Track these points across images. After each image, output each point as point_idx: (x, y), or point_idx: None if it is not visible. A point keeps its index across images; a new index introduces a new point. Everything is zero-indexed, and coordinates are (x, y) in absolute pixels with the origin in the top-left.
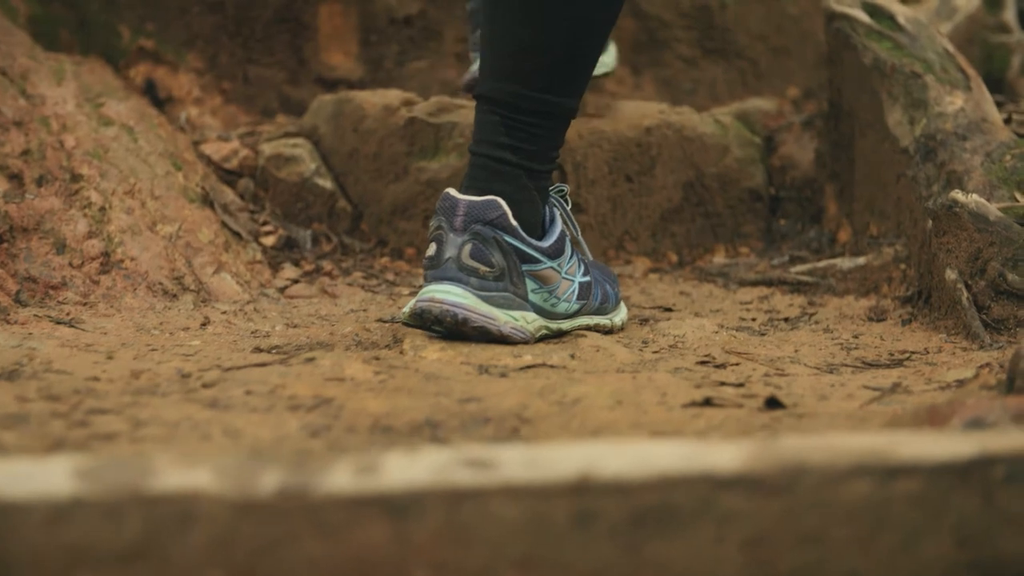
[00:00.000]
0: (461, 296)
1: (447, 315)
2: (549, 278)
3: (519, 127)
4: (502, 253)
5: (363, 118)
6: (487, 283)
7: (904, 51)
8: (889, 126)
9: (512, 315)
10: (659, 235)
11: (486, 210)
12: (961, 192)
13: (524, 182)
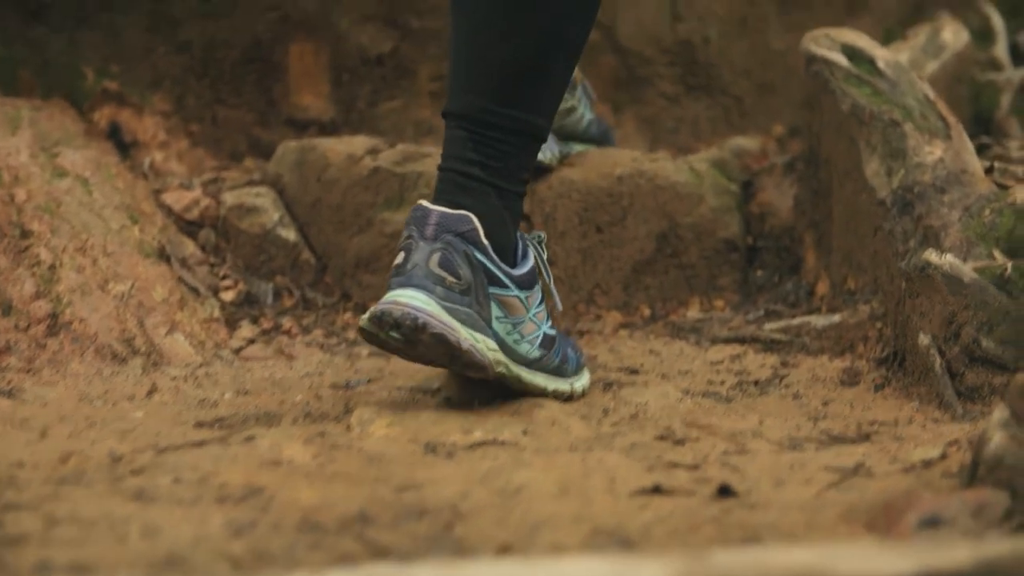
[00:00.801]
0: (424, 302)
1: (407, 318)
2: (515, 309)
3: (486, 142)
4: (471, 268)
5: (327, 167)
6: (452, 295)
7: (883, 97)
8: (867, 176)
9: (473, 335)
10: (631, 288)
11: (458, 222)
12: (935, 253)
13: (493, 201)
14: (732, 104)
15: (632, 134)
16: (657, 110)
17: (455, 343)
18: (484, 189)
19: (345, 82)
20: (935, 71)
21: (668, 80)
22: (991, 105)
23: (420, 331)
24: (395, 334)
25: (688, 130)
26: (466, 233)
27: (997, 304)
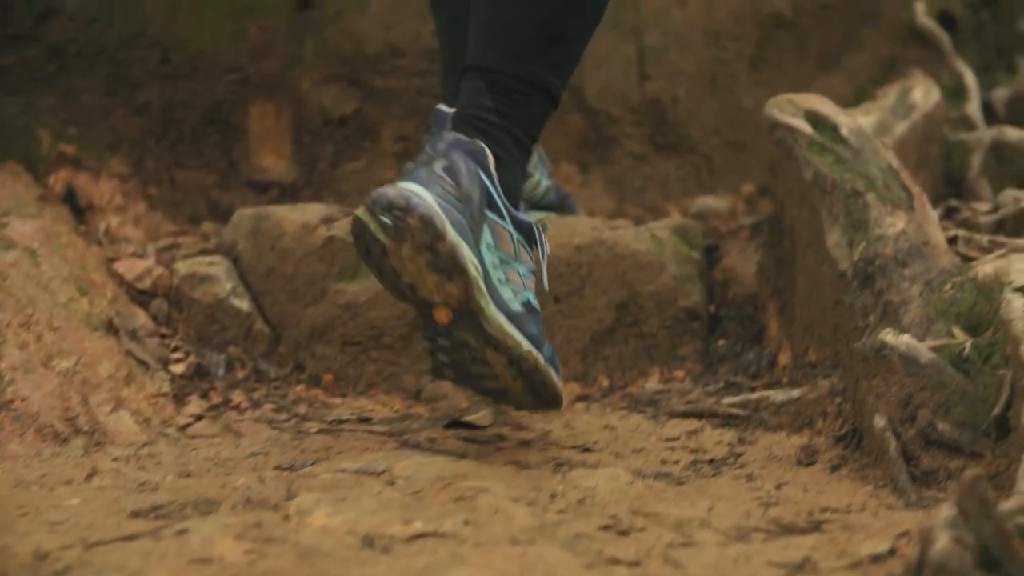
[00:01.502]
0: (420, 191)
1: (400, 198)
2: (506, 243)
3: (503, 92)
4: (472, 183)
5: (281, 236)
6: (449, 196)
7: (846, 166)
8: (828, 247)
9: (462, 240)
10: (590, 359)
11: (471, 146)
12: (892, 333)
13: (509, 147)
14: (701, 163)
15: (600, 194)
16: (625, 169)
17: (440, 229)
18: (500, 135)
19: (307, 143)
20: (904, 132)
21: (636, 139)
22: (962, 166)
23: (409, 212)
24: (385, 218)
25: (657, 189)
26: (476, 155)
27: (954, 385)
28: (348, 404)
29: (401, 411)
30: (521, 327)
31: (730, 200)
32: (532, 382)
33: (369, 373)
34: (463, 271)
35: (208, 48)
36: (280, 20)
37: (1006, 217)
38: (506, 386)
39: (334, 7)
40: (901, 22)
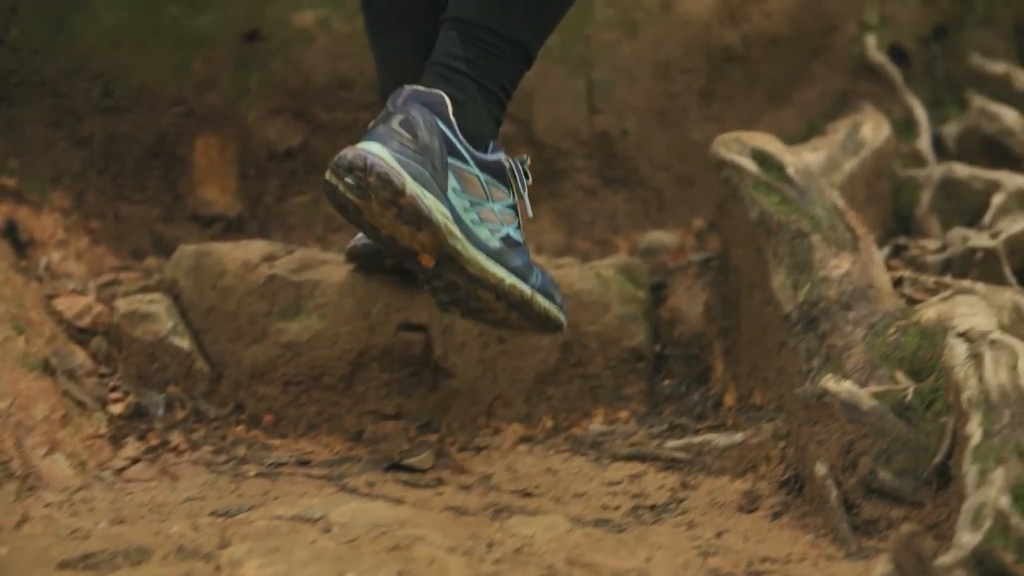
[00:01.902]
0: (377, 150)
1: (358, 159)
2: (473, 186)
3: (474, 43)
4: (430, 133)
5: (223, 273)
6: (407, 150)
7: (792, 206)
8: (773, 288)
9: (423, 191)
10: (534, 399)
11: (428, 96)
12: (833, 379)
13: (474, 95)
14: (651, 197)
15: (549, 228)
16: (574, 203)
17: (398, 185)
18: (466, 83)
19: (252, 177)
20: (853, 169)
21: (586, 173)
22: (911, 202)
23: (368, 172)
24: (349, 179)
25: (606, 223)
26: (433, 104)
27: (896, 433)
28: (288, 446)
29: (341, 453)
30: (503, 262)
31: (680, 235)
32: (524, 313)
33: (310, 414)
34: (429, 220)
35: (152, 80)
36: (225, 52)
37: (954, 256)
38: (504, 317)
39: (280, 40)
40: (852, 56)
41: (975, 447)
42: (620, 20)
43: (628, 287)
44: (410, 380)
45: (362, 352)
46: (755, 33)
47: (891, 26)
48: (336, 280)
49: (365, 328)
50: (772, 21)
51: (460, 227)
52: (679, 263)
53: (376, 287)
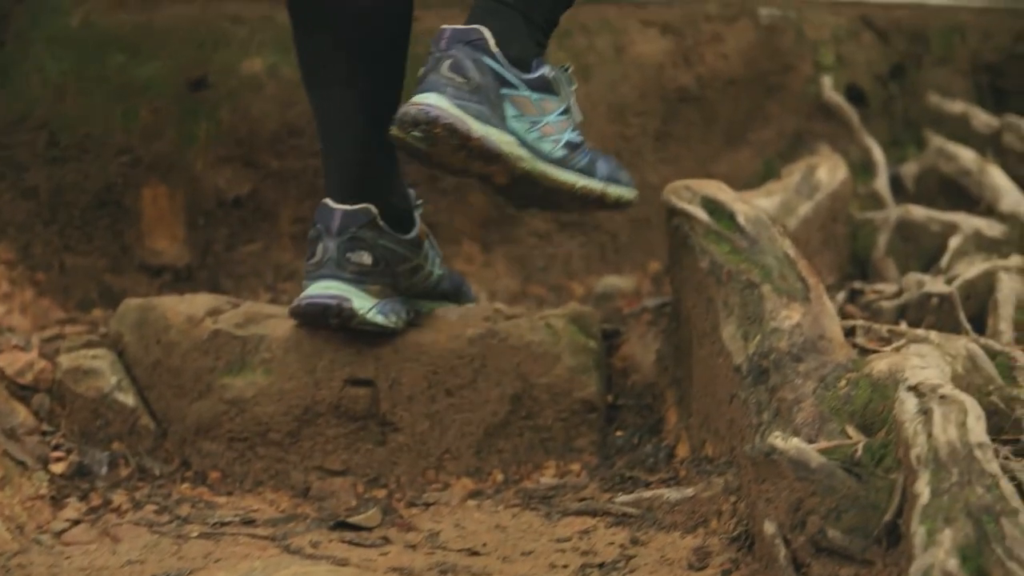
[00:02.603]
0: (436, 100)
1: (421, 114)
2: (528, 107)
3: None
4: (479, 71)
5: (167, 328)
6: (462, 92)
7: (742, 255)
8: (724, 339)
9: (486, 128)
10: (483, 453)
11: (468, 34)
12: (781, 436)
13: (519, 24)
14: (606, 240)
15: (503, 273)
16: (528, 248)
17: (464, 131)
18: (511, 13)
19: (201, 225)
20: (808, 213)
21: (540, 218)
22: (868, 245)
23: (433, 124)
24: (416, 132)
25: (560, 268)
26: (474, 42)
27: (845, 490)
28: (233, 503)
29: (287, 510)
30: (571, 166)
31: (635, 279)
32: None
33: (256, 470)
34: (499, 154)
35: (98, 130)
36: (172, 101)
37: (909, 302)
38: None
39: (228, 87)
40: (808, 96)
41: (923, 507)
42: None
43: (579, 337)
44: (357, 435)
45: (308, 407)
46: (710, 74)
47: (848, 66)
48: (281, 335)
49: (311, 383)
50: (727, 62)
51: (526, 149)
52: (634, 308)
53: (321, 342)
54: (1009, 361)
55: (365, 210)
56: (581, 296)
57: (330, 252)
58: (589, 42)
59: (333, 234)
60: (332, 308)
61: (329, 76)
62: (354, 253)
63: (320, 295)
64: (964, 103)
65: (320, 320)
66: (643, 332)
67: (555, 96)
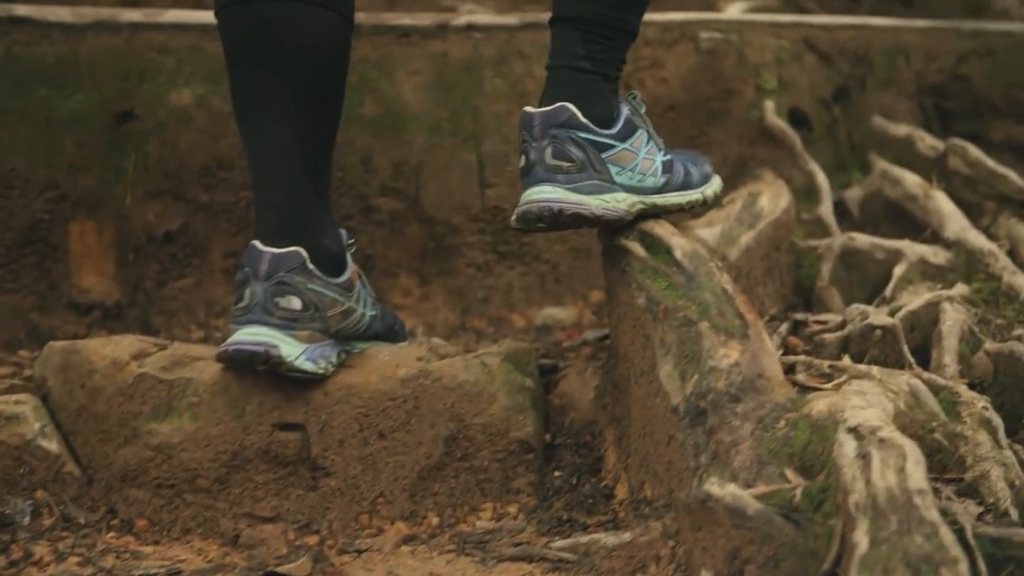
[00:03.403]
0: (552, 191)
1: (545, 211)
2: (626, 159)
3: (594, 40)
4: (579, 148)
5: (92, 372)
6: (572, 176)
7: (679, 292)
8: (661, 378)
9: (602, 199)
10: (418, 496)
11: (557, 115)
12: (717, 483)
13: (600, 86)
14: (547, 271)
15: (441, 306)
16: (467, 280)
17: (589, 215)
18: (593, 78)
19: (130, 262)
20: (750, 242)
21: (478, 249)
22: (812, 273)
23: (559, 216)
24: (541, 224)
25: (501, 300)
26: (566, 121)
27: (783, 537)
28: (160, 553)
29: (215, 560)
30: (673, 188)
31: (577, 310)
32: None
33: (184, 517)
34: (621, 216)
35: (22, 165)
36: (99, 134)
37: (852, 334)
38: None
39: (155, 120)
40: (751, 121)
41: (862, 556)
42: (510, 91)
43: (515, 375)
44: (287, 480)
45: (237, 453)
46: (650, 100)
47: (790, 89)
48: (208, 378)
49: (239, 428)
50: (667, 87)
51: (637, 194)
52: (574, 341)
53: (249, 385)
54: (952, 396)
55: (295, 253)
56: (521, 328)
57: (257, 297)
58: (527, 68)
59: (261, 278)
60: (259, 355)
61: (263, 111)
62: (283, 298)
63: (247, 341)
64: (909, 126)
65: (247, 366)
66: (582, 367)
67: (638, 130)
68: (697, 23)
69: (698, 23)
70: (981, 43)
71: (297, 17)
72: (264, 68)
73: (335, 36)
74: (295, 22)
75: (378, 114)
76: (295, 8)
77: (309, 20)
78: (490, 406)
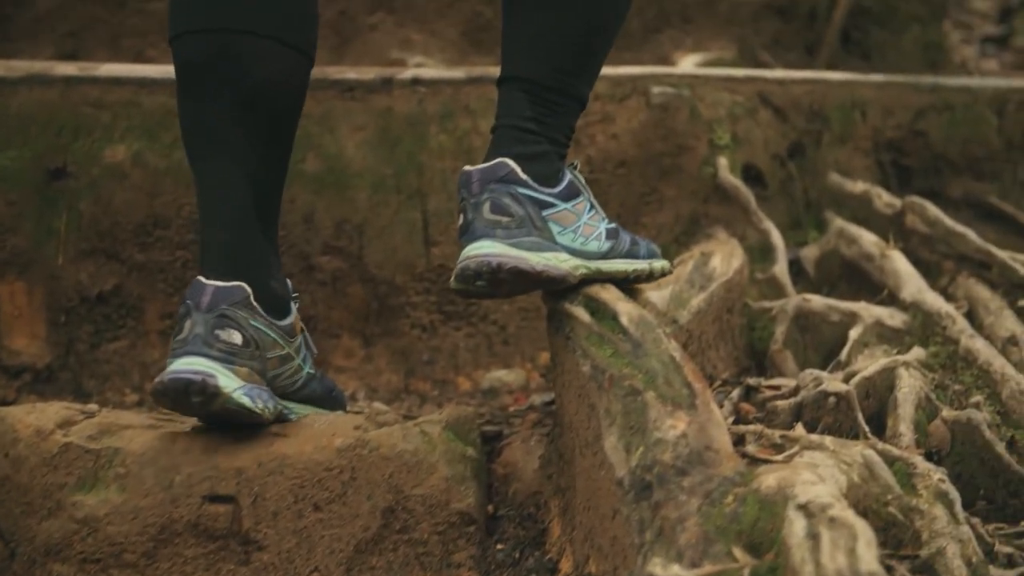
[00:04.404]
0: (491, 246)
1: (483, 266)
2: (568, 219)
3: (541, 103)
4: (518, 203)
5: (15, 441)
6: (511, 231)
7: (625, 359)
8: (606, 450)
9: (543, 256)
10: (355, 570)
11: (496, 171)
12: (660, 564)
13: (545, 147)
14: (494, 332)
15: (384, 368)
16: (411, 341)
17: (529, 269)
18: (538, 140)
19: (63, 323)
20: (702, 305)
21: (423, 308)
22: (765, 336)
23: (498, 271)
24: (481, 283)
25: (446, 361)
26: (505, 176)
27: None
28: None
29: None
30: (618, 254)
31: (524, 372)
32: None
33: None
34: (563, 276)
35: None
36: (30, 192)
37: (806, 400)
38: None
39: (89, 177)
40: (704, 177)
41: None
42: (456, 147)
43: (456, 444)
44: (218, 555)
45: (165, 526)
46: (600, 155)
47: (744, 145)
48: (137, 448)
49: (168, 500)
50: (618, 142)
51: (580, 257)
52: (520, 406)
53: (179, 454)
54: (908, 468)
55: (239, 288)
56: (467, 391)
57: (198, 327)
58: (473, 123)
59: (203, 310)
60: (195, 384)
61: (215, 147)
62: (223, 331)
63: (183, 370)
64: (866, 183)
65: (182, 398)
66: (528, 435)
67: (581, 195)
68: (649, 77)
69: (650, 77)
70: (939, 98)
71: (260, 52)
72: (220, 102)
73: (297, 76)
74: (258, 57)
75: (320, 170)
76: (259, 43)
77: (273, 56)
78: (430, 476)
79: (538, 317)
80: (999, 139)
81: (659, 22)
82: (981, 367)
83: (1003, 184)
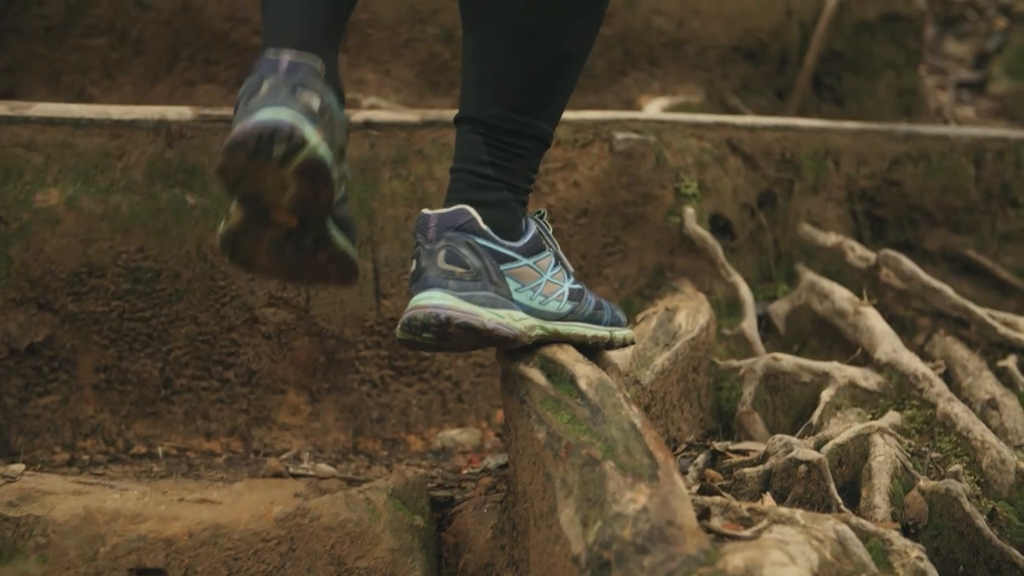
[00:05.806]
0: (442, 298)
1: (431, 318)
2: (528, 276)
3: (499, 146)
4: (475, 255)
5: None
6: (465, 283)
7: (583, 426)
8: (562, 523)
9: (496, 313)
10: None
11: (455, 217)
12: None
13: (504, 194)
14: (448, 389)
15: (332, 426)
16: (360, 397)
17: (480, 326)
18: (495, 185)
19: None
20: (666, 364)
21: (373, 364)
22: (733, 396)
23: (446, 325)
24: (427, 335)
25: (397, 419)
26: (464, 225)
27: None
28: None
29: None
30: (578, 318)
31: (480, 432)
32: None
33: None
34: (516, 336)
35: None
36: None
37: (775, 469)
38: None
39: (20, 222)
40: (670, 227)
41: None
42: (408, 193)
43: (403, 513)
44: None
45: None
46: (561, 204)
47: (712, 194)
48: (59, 516)
49: (92, 572)
50: (580, 190)
51: (536, 317)
52: (474, 469)
53: (104, 523)
54: (884, 544)
55: (313, 58)
56: (419, 451)
57: (278, 87)
58: (427, 169)
59: (281, 75)
60: (283, 131)
61: None
62: (304, 92)
63: (270, 118)
64: (838, 234)
65: (264, 148)
66: (480, 501)
67: (546, 251)
68: (613, 122)
69: (614, 122)
70: (914, 147)
71: None
72: None
73: None
74: None
75: None
76: None
77: None
78: (374, 548)
79: (494, 373)
80: (977, 189)
81: (624, 64)
82: (960, 433)
83: (981, 237)
